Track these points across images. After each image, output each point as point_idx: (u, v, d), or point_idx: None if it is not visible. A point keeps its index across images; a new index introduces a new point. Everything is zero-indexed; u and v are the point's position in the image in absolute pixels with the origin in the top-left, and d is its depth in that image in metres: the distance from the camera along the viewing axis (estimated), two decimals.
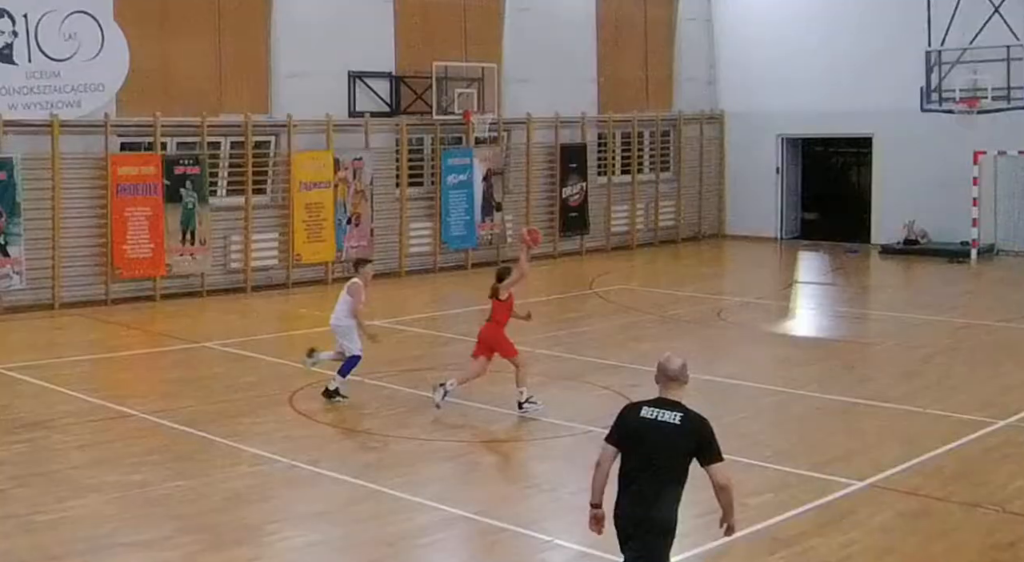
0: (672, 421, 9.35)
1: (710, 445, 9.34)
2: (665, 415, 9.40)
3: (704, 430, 9.41)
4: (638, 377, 19.29)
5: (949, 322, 25.69)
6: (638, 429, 9.41)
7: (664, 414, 9.41)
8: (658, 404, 9.50)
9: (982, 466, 14.99)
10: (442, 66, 32.99)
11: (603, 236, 38.48)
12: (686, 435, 9.32)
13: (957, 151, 34.72)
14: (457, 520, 12.99)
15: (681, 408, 9.47)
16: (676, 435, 9.31)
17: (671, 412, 9.41)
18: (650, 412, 9.45)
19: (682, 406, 9.49)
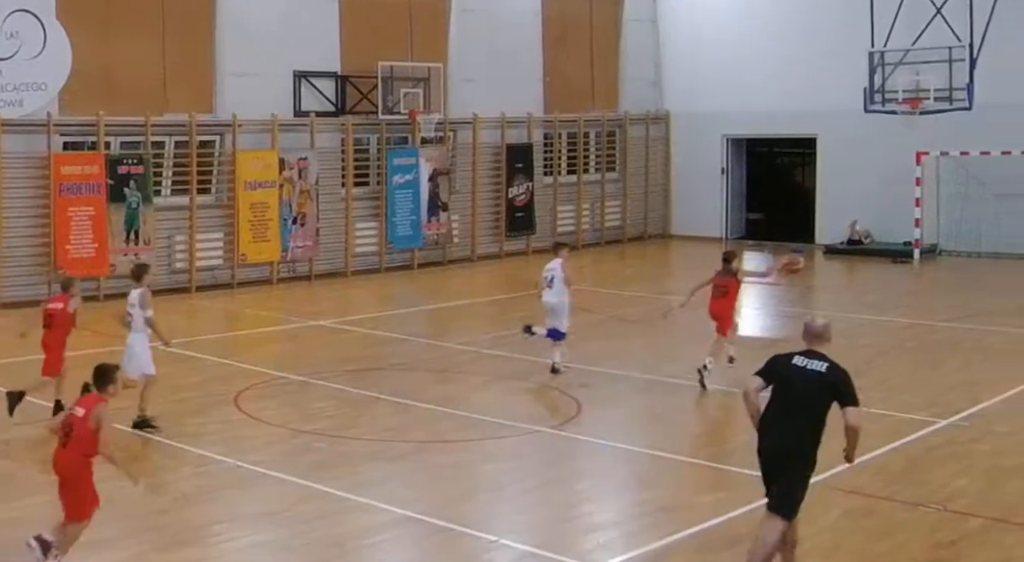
0: (819, 370, 11.08)
1: (848, 392, 10.93)
2: (813, 364, 11.15)
3: (845, 379, 11.01)
4: (586, 376, 19.35)
5: (893, 322, 25.84)
6: (790, 375, 11.20)
7: (813, 363, 11.17)
8: (808, 355, 11.30)
9: (925, 465, 15.09)
10: (388, 66, 32.93)
11: (549, 236, 38.42)
12: (829, 382, 10.98)
13: (900, 152, 34.92)
14: (403, 520, 12.96)
15: (827, 359, 11.20)
16: (820, 382, 10.99)
17: (819, 362, 11.16)
18: (801, 361, 11.25)
19: (827, 358, 11.21)
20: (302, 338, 24.25)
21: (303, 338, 24.25)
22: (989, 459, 15.18)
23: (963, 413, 17.39)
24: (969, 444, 15.93)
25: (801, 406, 11.00)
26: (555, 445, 16.21)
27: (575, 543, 12.44)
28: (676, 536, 12.33)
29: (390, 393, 18.74)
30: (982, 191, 34.74)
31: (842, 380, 11.01)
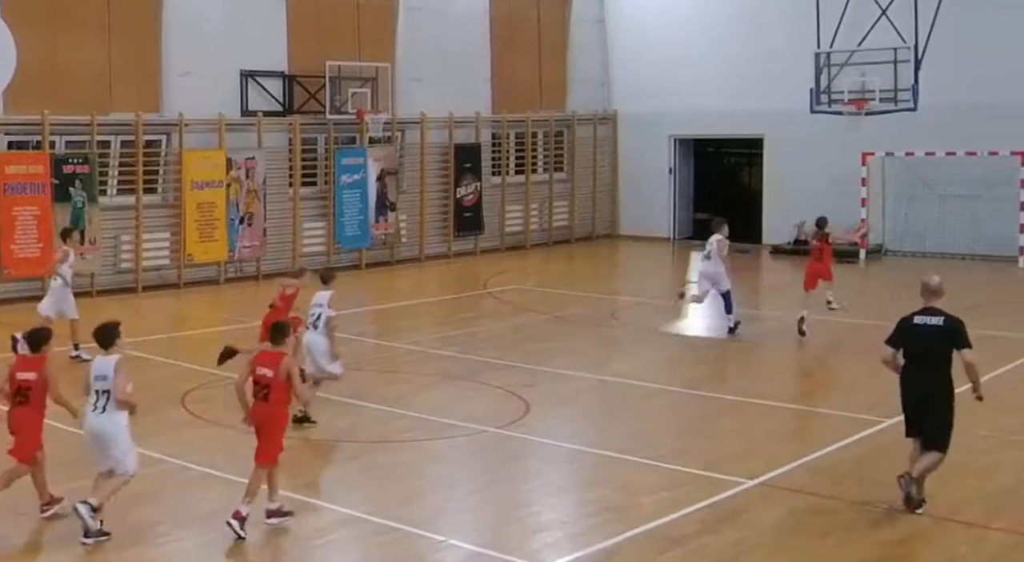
0: (937, 323, 13.39)
1: (962, 338, 13.25)
2: (932, 320, 13.44)
3: (958, 327, 13.31)
4: (533, 377, 19.36)
5: (839, 322, 25.94)
6: (914, 333, 13.51)
7: (931, 320, 13.45)
8: (925, 312, 13.59)
9: (871, 464, 15.17)
10: (335, 65, 32.87)
11: (497, 236, 38.52)
12: (947, 332, 13.28)
13: (846, 152, 35.11)
14: (351, 520, 12.94)
15: (942, 313, 13.48)
16: (940, 334, 13.30)
17: (936, 317, 13.45)
18: (920, 319, 13.54)
19: (942, 312, 13.49)
20: (250, 339, 24.11)
21: (251, 339, 24.11)
22: None
23: None
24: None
25: (929, 357, 13.31)
26: (503, 445, 16.21)
27: (522, 543, 12.45)
28: (622, 536, 12.36)
29: (338, 393, 18.67)
30: (927, 192, 34.97)
31: (956, 329, 13.30)
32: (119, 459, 12.52)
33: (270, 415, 12.86)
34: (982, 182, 34.50)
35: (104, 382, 12.41)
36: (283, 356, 12.98)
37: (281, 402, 12.96)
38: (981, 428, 16.60)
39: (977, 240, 34.68)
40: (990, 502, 13.51)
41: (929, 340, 13.35)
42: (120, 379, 12.40)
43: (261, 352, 13.21)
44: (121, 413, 12.49)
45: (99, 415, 12.44)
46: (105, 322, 12.94)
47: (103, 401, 12.42)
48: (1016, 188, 33.46)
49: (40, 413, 13.03)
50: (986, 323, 24.76)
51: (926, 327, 13.46)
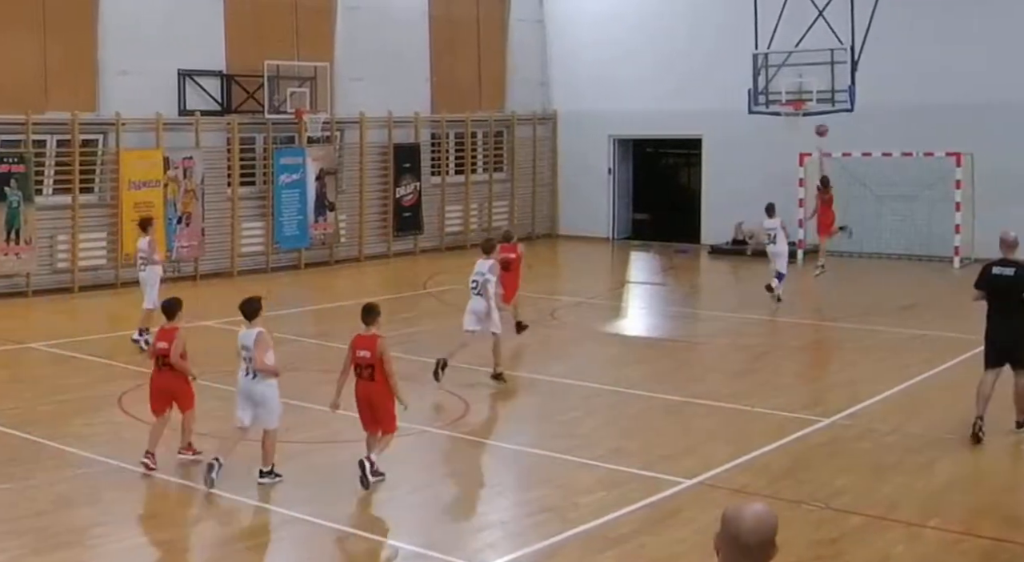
0: (1010, 274, 15.81)
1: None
2: (1007, 270, 15.91)
3: None
4: (474, 376, 19.37)
5: (776, 321, 26.13)
6: (992, 281, 16.04)
7: (1006, 270, 15.93)
8: (1002, 263, 16.10)
9: (808, 463, 15.28)
10: (273, 65, 32.77)
11: (437, 236, 38.51)
12: (1019, 282, 15.63)
13: (784, 153, 35.27)
14: (291, 521, 12.92)
15: (1016, 264, 15.87)
16: (1014, 282, 15.71)
17: (1010, 268, 15.90)
18: (997, 269, 16.04)
19: (1016, 262, 15.89)
20: (188, 339, 23.97)
21: (190, 339, 23.93)
22: (870, 457, 15.39)
23: (845, 412, 17.63)
24: (851, 442, 16.16)
25: (1007, 303, 15.84)
26: (443, 445, 16.23)
27: (462, 543, 12.47)
28: (561, 536, 12.39)
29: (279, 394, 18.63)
30: (864, 192, 35.18)
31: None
32: (266, 416, 14.20)
33: (378, 391, 14.16)
34: (918, 183, 34.80)
35: (247, 351, 14.11)
36: (377, 338, 14.18)
37: (384, 378, 14.13)
38: (915, 428, 16.78)
39: (913, 240, 34.97)
40: (925, 501, 13.62)
41: (1008, 287, 15.86)
42: (259, 351, 14.04)
43: (357, 336, 14.29)
44: (270, 378, 14.22)
45: (250, 380, 14.19)
46: (249, 296, 14.72)
47: (250, 367, 14.15)
48: (951, 189, 33.76)
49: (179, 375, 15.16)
50: (921, 323, 25.11)
51: (1001, 276, 15.98)
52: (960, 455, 15.63)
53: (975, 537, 12.48)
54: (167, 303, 15.97)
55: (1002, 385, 16.20)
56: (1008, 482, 14.38)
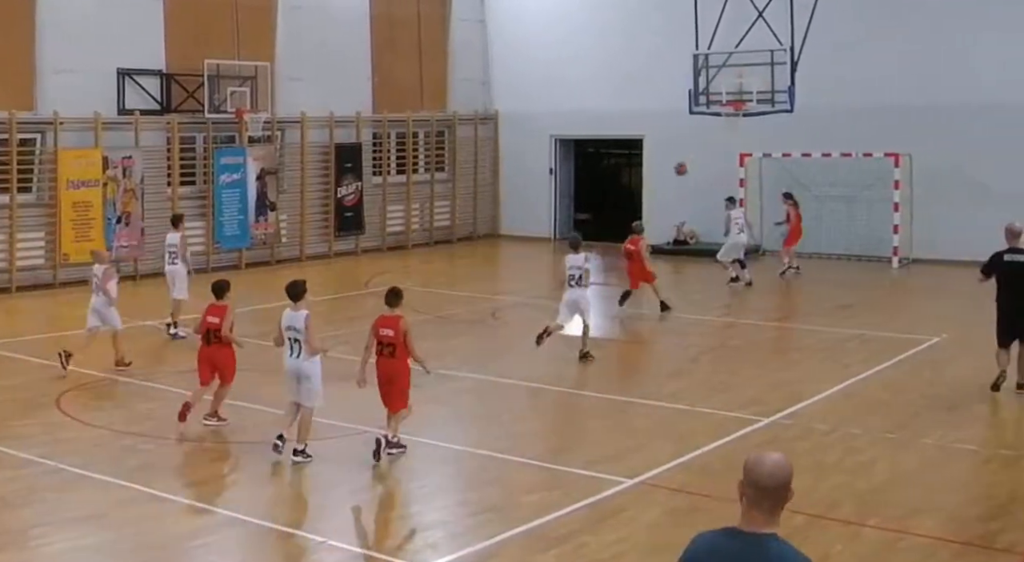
0: (1021, 261, 18.18)
1: None
2: (1017, 257, 18.25)
3: None
4: (414, 376, 19.30)
5: (717, 321, 26.24)
6: (1002, 267, 18.40)
7: (1017, 257, 18.26)
8: (1012, 251, 18.36)
9: None
10: (214, 64, 32.65)
11: (378, 236, 38.46)
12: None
13: (724, 153, 35.46)
14: (229, 522, 12.86)
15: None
16: (1020, 268, 18.10)
17: (1020, 255, 18.21)
18: (1009, 257, 18.35)
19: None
20: (127, 339, 23.87)
21: (128, 339, 23.87)
22: (810, 456, 15.45)
23: (785, 411, 17.71)
24: (791, 442, 16.21)
25: (1018, 284, 18.24)
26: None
27: (403, 543, 12.47)
28: (502, 535, 12.38)
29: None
30: (803, 192, 35.36)
31: None
32: (309, 395, 15.15)
33: (397, 369, 15.21)
34: (857, 183, 35.05)
35: (295, 332, 15.07)
36: (400, 318, 15.26)
37: (404, 357, 15.19)
38: (855, 427, 16.88)
39: (852, 240, 35.21)
40: (864, 500, 13.69)
41: (1014, 273, 18.26)
42: (310, 331, 15.05)
43: (381, 317, 15.34)
44: (315, 358, 15.17)
45: (296, 359, 15.14)
46: (295, 279, 15.69)
47: (297, 348, 15.10)
48: (890, 190, 34.00)
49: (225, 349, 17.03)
50: (859, 323, 25.27)
51: (1012, 263, 18.31)
52: (899, 454, 15.74)
53: (914, 536, 12.56)
54: (217, 283, 17.53)
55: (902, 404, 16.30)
56: (947, 481, 14.48)
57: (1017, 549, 12.21)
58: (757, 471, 6.07)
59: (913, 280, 32.82)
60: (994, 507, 13.67)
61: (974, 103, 33.01)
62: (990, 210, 28.79)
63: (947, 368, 20.82)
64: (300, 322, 15.15)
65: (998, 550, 12.23)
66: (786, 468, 6.13)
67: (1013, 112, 32.57)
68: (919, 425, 16.90)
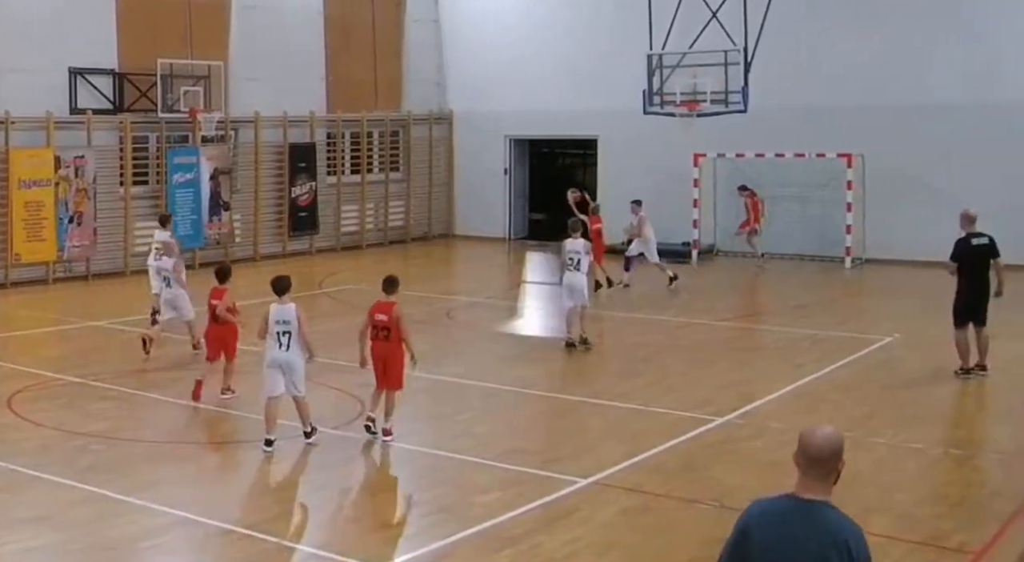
0: (985, 242, 19.39)
1: (997, 249, 19.43)
2: (981, 240, 19.40)
3: (994, 241, 19.43)
4: (368, 376, 19.27)
5: (670, 321, 26.27)
6: (970, 251, 19.34)
7: (981, 240, 19.40)
8: (975, 235, 19.40)
9: (701, 462, 15.37)
10: (167, 63, 32.50)
11: (333, 236, 38.38)
12: (992, 247, 19.39)
13: (678, 153, 35.53)
14: (183, 523, 12.79)
15: (985, 234, 19.42)
16: (989, 248, 19.40)
17: (982, 237, 19.40)
18: (976, 241, 19.37)
19: (984, 233, 19.41)
20: (80, 339, 23.80)
21: (81, 339, 23.79)
22: (763, 456, 15.51)
23: (738, 411, 17.75)
24: (744, 441, 16.28)
25: (983, 265, 19.42)
26: (338, 446, 16.14)
27: (357, 543, 12.42)
28: (456, 536, 12.37)
29: (172, 395, 18.51)
30: (757, 193, 35.53)
31: (994, 241, 19.40)
32: (298, 384, 15.68)
33: (391, 351, 16.01)
34: (810, 184, 35.17)
35: (286, 325, 15.50)
36: (394, 304, 16.13)
37: (398, 339, 16.01)
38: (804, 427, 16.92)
39: (806, 241, 35.32)
40: None
41: (983, 254, 19.37)
42: (304, 324, 15.61)
43: (377, 302, 16.23)
44: (302, 348, 15.62)
45: (285, 351, 15.51)
46: (280, 274, 16.28)
47: (286, 340, 15.51)
48: (843, 190, 34.15)
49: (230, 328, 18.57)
50: (813, 323, 25.38)
51: (980, 246, 19.38)
52: (851, 454, 15.57)
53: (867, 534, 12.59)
54: (220, 268, 19.45)
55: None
56: (898, 481, 14.55)
57: (968, 548, 12.28)
58: (808, 443, 6.88)
59: (866, 280, 32.97)
60: (946, 506, 13.74)
61: (926, 104, 33.22)
62: (942, 211, 28.88)
63: (899, 368, 20.92)
64: (291, 315, 15.61)
65: (950, 549, 12.29)
66: (835, 440, 6.90)
67: (965, 113, 32.78)
68: (871, 425, 16.96)
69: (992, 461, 15.27)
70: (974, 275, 19.43)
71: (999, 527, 12.80)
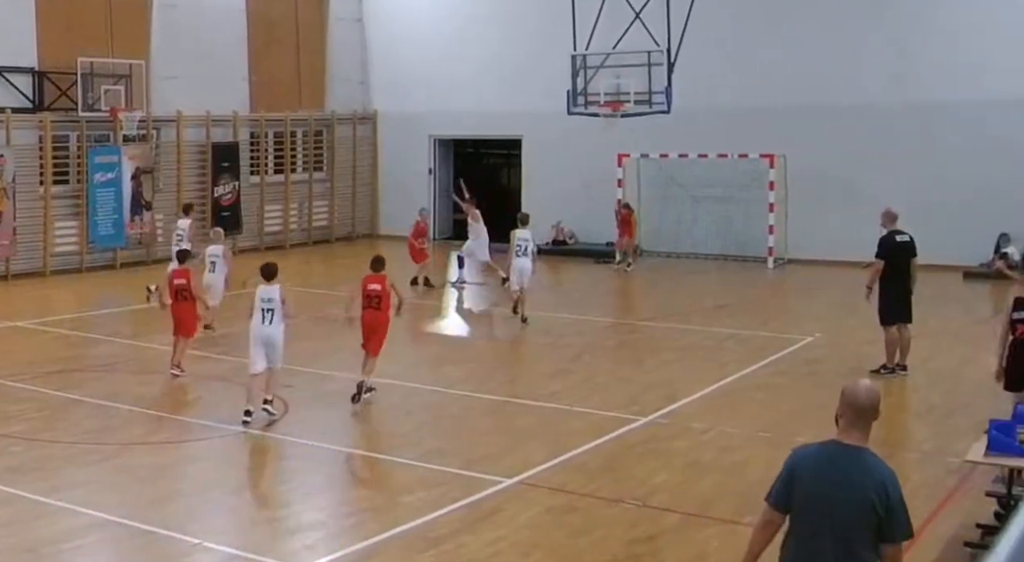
0: (908, 239, 19.78)
1: (915, 249, 19.87)
2: (905, 237, 19.77)
3: (914, 242, 19.86)
4: (293, 377, 19.21)
5: (596, 321, 26.34)
6: (897, 246, 19.65)
7: (904, 236, 19.77)
8: (898, 233, 19.69)
9: (625, 462, 15.41)
10: (87, 62, 32.24)
11: (256, 236, 38.19)
12: (913, 246, 19.79)
13: (602, 153, 35.65)
14: (103, 524, 12.68)
15: (909, 234, 19.80)
16: (911, 245, 19.77)
17: (905, 235, 19.78)
18: (900, 238, 19.70)
19: (908, 233, 19.82)
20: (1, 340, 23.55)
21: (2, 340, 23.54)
22: (686, 455, 15.58)
23: (662, 411, 17.82)
24: (667, 441, 16.34)
25: (907, 263, 19.68)
26: (261, 446, 16.09)
27: (278, 544, 12.37)
28: (380, 536, 12.34)
29: (91, 395, 18.35)
30: (681, 193, 35.72)
31: (914, 240, 19.80)
32: (277, 357, 17.36)
33: (380, 320, 18.36)
34: (733, 184, 35.39)
35: (271, 303, 17.31)
36: (386, 276, 18.61)
37: (387, 309, 18.32)
38: (730, 426, 17.03)
39: (729, 241, 35.55)
40: (740, 498, 13.80)
41: (906, 250, 19.65)
42: (287, 302, 17.46)
43: (368, 276, 18.60)
44: (283, 324, 17.40)
45: (268, 326, 17.25)
46: (268, 261, 18.10)
47: (270, 316, 17.26)
48: (765, 190, 34.38)
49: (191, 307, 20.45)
50: (736, 322, 25.52)
51: (905, 243, 19.68)
52: (774, 453, 15.80)
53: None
54: (180, 252, 21.61)
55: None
56: None
57: None
58: (855, 395, 7.58)
59: (787, 280, 33.21)
60: None
61: (847, 105, 33.52)
62: (863, 211, 29.18)
63: (820, 367, 21.07)
64: (276, 293, 17.34)
65: None
66: (877, 392, 7.67)
67: (884, 114, 33.12)
68: (793, 424, 17.06)
69: (911, 460, 15.39)
70: (899, 273, 19.64)
71: (918, 526, 12.92)
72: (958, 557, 11.68)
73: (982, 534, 12.05)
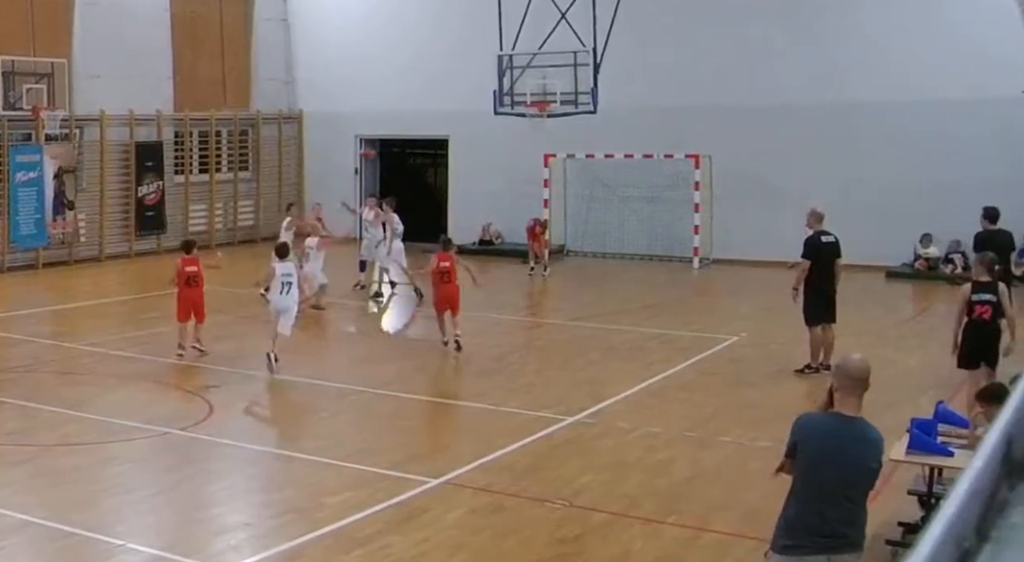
0: (832, 240, 19.81)
1: (840, 249, 20.04)
2: (830, 238, 19.84)
3: (839, 242, 19.98)
4: (218, 377, 19.15)
5: (522, 321, 26.41)
6: (822, 248, 19.63)
7: (829, 237, 19.83)
8: (823, 234, 19.75)
9: (551, 462, 15.45)
10: (8, 60, 31.98)
11: (181, 235, 37.87)
12: (838, 246, 19.89)
13: (529, 154, 35.67)
14: (23, 526, 12.56)
15: (834, 235, 19.90)
16: (835, 245, 19.82)
17: (829, 235, 19.85)
18: (825, 238, 19.76)
19: (833, 234, 19.93)
20: None
21: None
22: (612, 455, 15.64)
23: (588, 410, 17.86)
24: (593, 441, 16.39)
25: (831, 263, 19.76)
26: (185, 447, 15.99)
27: (204, 545, 12.31)
28: (306, 537, 12.31)
29: (12, 396, 18.18)
30: (607, 193, 35.82)
31: (839, 241, 19.88)
32: (288, 325, 20.16)
33: (452, 291, 21.91)
34: (659, 184, 35.53)
35: (288, 277, 20.33)
36: (453, 255, 22.33)
37: (455, 281, 21.85)
38: (655, 426, 17.10)
39: (655, 241, 35.67)
40: (664, 497, 13.88)
41: (831, 251, 19.75)
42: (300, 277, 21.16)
43: (440, 254, 22.05)
44: (296, 295, 20.47)
45: (285, 296, 20.21)
46: (281, 241, 22.48)
47: (287, 288, 20.16)
48: (690, 191, 34.54)
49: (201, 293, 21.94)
50: (661, 322, 25.63)
51: (828, 242, 19.81)
52: (699, 453, 15.98)
53: (712, 532, 12.79)
54: (186, 242, 23.45)
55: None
56: (744, 480, 14.72)
57: None
58: (850, 366, 8.57)
59: (713, 280, 33.37)
60: None
61: (771, 105, 33.69)
62: (787, 211, 29.44)
63: (744, 367, 21.20)
64: (292, 270, 20.54)
65: None
66: (867, 364, 8.63)
67: (807, 114, 33.31)
68: (718, 424, 17.18)
69: None
70: (824, 274, 19.80)
71: None
72: (880, 555, 11.77)
73: (904, 532, 12.15)
